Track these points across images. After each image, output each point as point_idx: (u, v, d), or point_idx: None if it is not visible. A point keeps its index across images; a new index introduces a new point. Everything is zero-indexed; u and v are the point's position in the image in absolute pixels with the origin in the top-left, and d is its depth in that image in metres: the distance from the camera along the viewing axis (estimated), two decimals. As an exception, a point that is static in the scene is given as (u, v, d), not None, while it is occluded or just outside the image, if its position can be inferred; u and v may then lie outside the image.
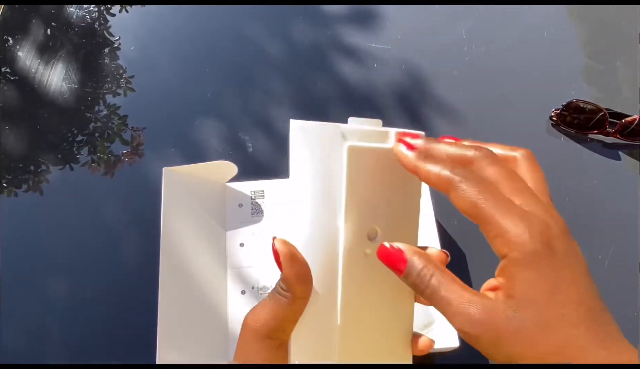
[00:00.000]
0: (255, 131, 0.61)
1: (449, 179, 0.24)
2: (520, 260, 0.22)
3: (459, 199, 0.24)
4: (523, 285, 0.22)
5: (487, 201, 0.23)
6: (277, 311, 0.26)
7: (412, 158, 0.25)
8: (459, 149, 0.27)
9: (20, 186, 0.60)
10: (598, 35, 0.67)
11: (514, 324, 0.21)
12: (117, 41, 0.70)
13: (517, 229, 0.22)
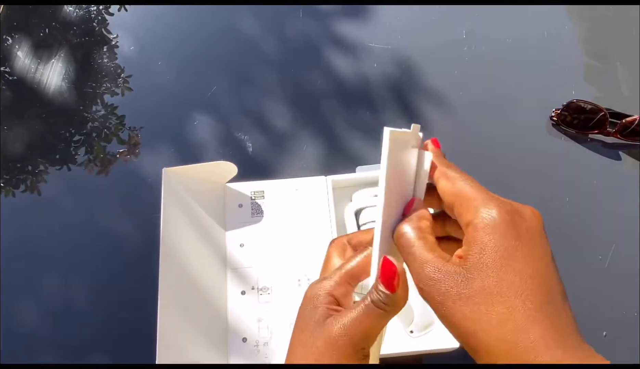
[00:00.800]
0: (255, 131, 0.61)
1: (443, 171, 0.28)
2: (481, 225, 0.23)
3: (442, 186, 0.27)
4: (478, 248, 0.23)
5: (464, 181, 0.27)
6: (375, 324, 0.25)
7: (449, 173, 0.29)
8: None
9: (18, 186, 0.60)
10: (598, 35, 0.67)
11: (461, 285, 0.22)
12: (116, 40, 0.70)
13: (487, 201, 0.24)
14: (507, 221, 0.23)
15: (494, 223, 0.23)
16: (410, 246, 0.25)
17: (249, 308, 0.48)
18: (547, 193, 0.56)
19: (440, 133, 0.60)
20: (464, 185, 0.26)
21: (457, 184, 0.26)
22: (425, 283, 0.24)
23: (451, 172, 0.28)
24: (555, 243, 0.56)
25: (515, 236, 0.23)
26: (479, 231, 0.23)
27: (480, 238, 0.23)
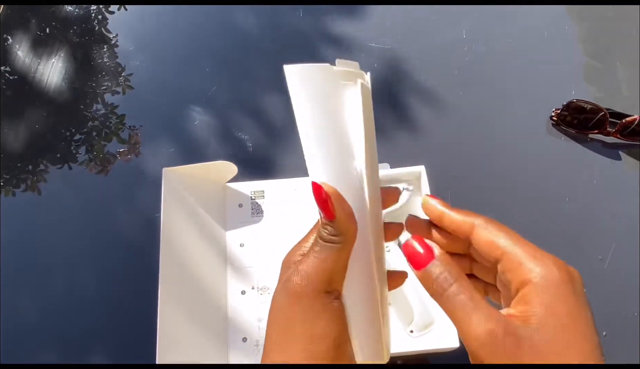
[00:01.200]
0: (255, 131, 0.61)
1: (472, 222, 0.27)
2: (543, 285, 0.23)
3: (481, 237, 0.26)
4: (542, 309, 0.23)
5: (508, 237, 0.25)
6: (330, 260, 0.25)
7: (438, 206, 0.29)
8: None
9: (19, 185, 0.60)
10: (598, 35, 0.67)
11: (530, 342, 0.22)
12: (116, 40, 0.70)
13: (544, 258, 0.24)
14: (566, 282, 0.23)
15: (556, 284, 0.23)
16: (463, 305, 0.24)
17: (249, 308, 0.48)
18: (547, 193, 0.56)
19: (441, 133, 0.60)
20: (510, 241, 0.25)
21: (502, 240, 0.25)
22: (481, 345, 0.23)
23: (489, 225, 0.27)
24: (556, 243, 0.56)
25: (575, 298, 0.23)
26: (540, 292, 0.23)
27: (543, 299, 0.23)
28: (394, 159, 0.55)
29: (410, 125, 0.61)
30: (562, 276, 0.23)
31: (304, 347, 0.25)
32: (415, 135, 0.60)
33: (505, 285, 0.26)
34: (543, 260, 0.24)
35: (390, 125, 0.61)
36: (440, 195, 0.54)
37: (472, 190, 0.56)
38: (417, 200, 0.53)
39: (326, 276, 0.25)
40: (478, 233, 0.26)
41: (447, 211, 0.28)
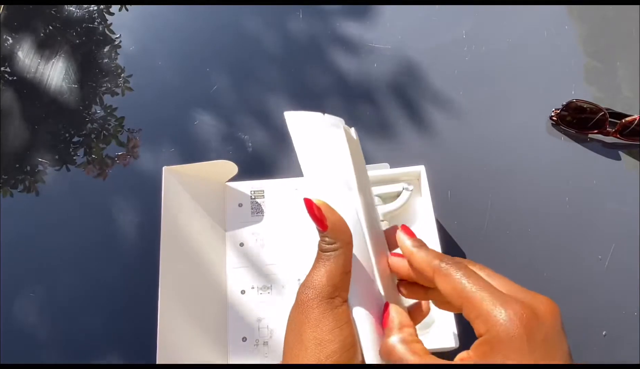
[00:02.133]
0: (255, 130, 0.61)
1: (437, 266, 0.27)
2: (493, 341, 0.23)
3: (443, 283, 0.26)
4: (499, 360, 0.22)
5: (469, 284, 0.25)
6: (332, 267, 0.27)
7: (409, 245, 0.29)
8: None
9: (17, 186, 0.60)
10: (598, 35, 0.67)
11: None
12: (116, 40, 0.70)
13: (496, 311, 0.23)
14: (520, 336, 0.22)
15: (506, 341, 0.22)
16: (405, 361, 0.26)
17: (249, 308, 0.48)
18: (547, 193, 0.56)
19: (441, 133, 0.60)
20: (473, 286, 0.24)
21: (465, 285, 0.25)
22: None
23: (452, 269, 0.26)
24: (555, 243, 0.56)
25: (531, 351, 0.22)
26: (490, 346, 0.23)
27: (491, 355, 0.22)
28: (394, 159, 0.55)
29: (410, 125, 0.61)
30: (519, 330, 0.22)
31: (313, 352, 0.26)
32: (415, 135, 0.60)
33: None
34: (506, 310, 0.23)
35: (390, 125, 0.61)
36: (440, 195, 0.55)
37: (472, 190, 0.56)
38: (417, 200, 0.53)
39: (329, 283, 0.27)
40: (439, 278, 0.26)
41: (415, 250, 0.28)
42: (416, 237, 0.30)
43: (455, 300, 0.25)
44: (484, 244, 0.53)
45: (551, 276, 0.51)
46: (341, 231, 0.27)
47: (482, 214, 0.55)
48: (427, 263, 0.27)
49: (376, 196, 0.52)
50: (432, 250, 0.28)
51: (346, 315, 0.27)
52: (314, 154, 0.31)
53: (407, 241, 0.29)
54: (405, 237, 0.29)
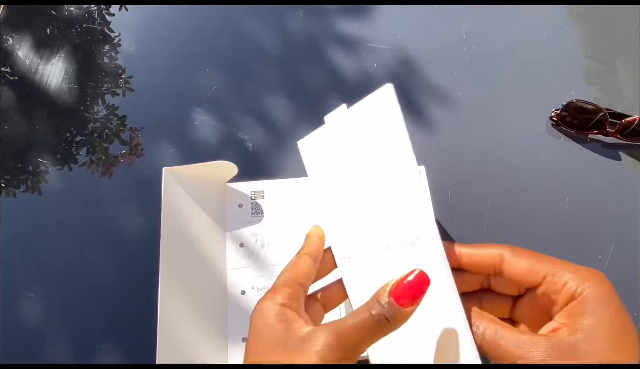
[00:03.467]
0: (255, 131, 0.61)
1: (499, 253, 0.27)
2: (591, 299, 0.24)
3: (515, 265, 0.27)
4: (592, 320, 0.24)
5: (543, 261, 0.26)
6: (371, 336, 0.25)
7: (455, 246, 0.29)
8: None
9: (19, 186, 0.60)
10: (598, 35, 0.67)
11: (582, 354, 0.23)
12: (117, 41, 0.70)
13: (587, 275, 0.25)
14: (610, 296, 0.25)
15: (604, 298, 0.24)
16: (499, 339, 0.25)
17: (249, 308, 0.48)
18: (547, 193, 0.56)
19: (440, 133, 0.60)
20: (547, 264, 0.26)
21: (539, 265, 0.26)
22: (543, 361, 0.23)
23: (519, 253, 0.27)
24: (555, 243, 0.56)
25: (618, 310, 0.24)
26: (587, 304, 0.24)
27: (589, 311, 0.24)
28: (394, 159, 0.55)
29: (410, 125, 0.61)
30: (606, 291, 0.25)
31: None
32: (415, 135, 0.60)
33: (544, 306, 0.26)
34: (587, 277, 0.25)
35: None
36: (441, 195, 0.55)
37: (472, 190, 0.56)
38: (417, 200, 0.53)
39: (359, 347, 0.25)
40: (511, 262, 0.27)
41: (464, 249, 0.29)
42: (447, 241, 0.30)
43: (533, 276, 0.26)
44: (483, 244, 0.53)
45: (551, 277, 0.51)
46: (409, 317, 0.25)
47: (482, 214, 0.55)
48: (485, 256, 0.28)
49: None
50: (474, 245, 0.29)
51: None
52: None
53: (455, 246, 0.29)
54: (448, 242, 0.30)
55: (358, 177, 0.29)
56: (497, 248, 0.28)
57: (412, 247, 0.28)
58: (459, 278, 0.28)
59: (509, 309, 0.29)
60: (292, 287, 0.28)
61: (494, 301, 0.29)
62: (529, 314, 0.28)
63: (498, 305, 0.29)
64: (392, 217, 0.29)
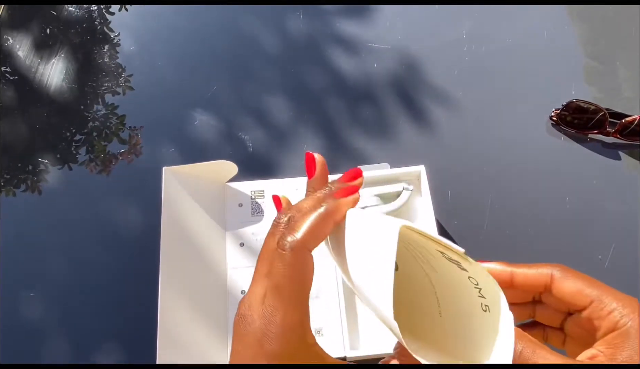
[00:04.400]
0: (255, 130, 0.61)
1: (550, 273, 0.29)
2: (633, 332, 0.25)
3: (565, 287, 0.28)
4: (630, 353, 0.24)
5: (592, 285, 0.27)
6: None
7: (503, 268, 0.30)
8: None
9: (19, 185, 0.60)
10: (598, 35, 0.67)
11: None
12: (117, 40, 0.70)
13: (632, 305, 0.26)
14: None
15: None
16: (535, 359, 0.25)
17: (249, 308, 0.48)
18: (547, 193, 0.56)
19: (441, 133, 0.60)
20: (596, 289, 0.27)
21: (589, 289, 0.27)
22: None
23: (569, 274, 0.28)
24: (555, 243, 0.56)
25: None
26: (632, 338, 0.25)
27: (627, 342, 0.25)
28: (394, 159, 0.55)
29: (410, 125, 0.61)
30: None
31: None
32: (415, 135, 0.60)
33: (587, 329, 0.27)
34: (633, 308, 0.26)
35: (390, 125, 0.61)
36: (440, 195, 0.55)
37: (472, 190, 0.56)
38: (417, 200, 0.53)
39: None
40: (561, 283, 0.28)
41: (516, 270, 0.29)
42: (497, 261, 0.30)
43: (579, 300, 0.27)
44: (484, 244, 0.53)
45: (551, 276, 0.51)
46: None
47: (482, 214, 0.55)
48: (536, 276, 0.29)
49: (376, 196, 0.52)
50: (525, 264, 0.30)
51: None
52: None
53: (497, 265, 0.30)
54: (495, 264, 0.30)
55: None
56: (548, 267, 0.29)
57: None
58: (512, 291, 0.30)
59: (560, 321, 0.30)
60: (306, 301, 0.25)
61: (546, 313, 0.30)
62: (577, 331, 0.29)
63: (550, 316, 0.30)
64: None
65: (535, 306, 0.31)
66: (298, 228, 0.25)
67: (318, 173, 0.29)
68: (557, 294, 0.28)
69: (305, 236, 0.24)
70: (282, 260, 0.24)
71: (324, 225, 0.25)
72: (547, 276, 0.28)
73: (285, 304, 0.23)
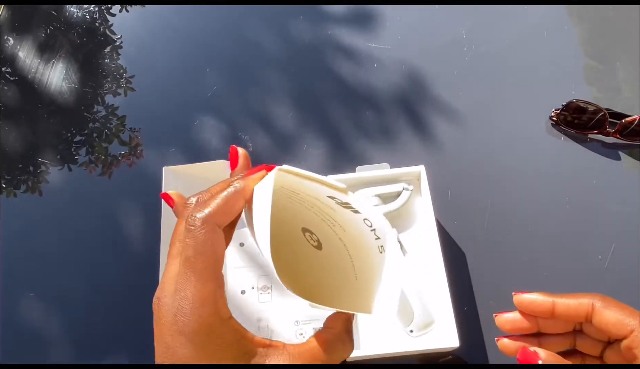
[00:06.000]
0: (255, 131, 0.61)
1: (591, 303, 0.29)
2: None
3: (606, 317, 0.28)
4: None
5: (631, 315, 0.28)
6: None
7: (545, 297, 0.30)
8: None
9: (19, 186, 0.60)
10: (598, 35, 0.67)
11: None
12: (118, 41, 0.70)
13: None
14: None
15: None
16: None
17: (249, 308, 0.48)
18: (547, 193, 0.56)
19: (441, 133, 0.60)
20: (636, 319, 0.28)
21: (629, 319, 0.28)
22: None
23: (609, 304, 0.29)
24: (555, 243, 0.56)
25: None
26: None
27: None
28: (394, 159, 0.55)
29: (410, 125, 0.61)
30: None
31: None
32: (415, 135, 0.60)
33: (627, 358, 0.28)
34: None
35: (390, 125, 0.61)
36: (440, 195, 0.55)
37: (472, 190, 0.56)
38: (417, 200, 0.53)
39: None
40: (601, 313, 0.29)
41: (558, 300, 0.30)
42: (538, 292, 0.31)
43: (620, 330, 0.28)
44: (484, 244, 0.53)
45: (551, 276, 0.51)
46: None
47: (482, 214, 0.55)
48: (576, 306, 0.29)
49: (376, 196, 0.52)
50: (566, 295, 0.30)
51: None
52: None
53: (539, 296, 0.30)
54: (536, 295, 0.30)
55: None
56: (588, 297, 0.29)
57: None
58: (552, 321, 0.30)
59: (600, 350, 0.31)
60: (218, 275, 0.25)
61: (586, 342, 0.31)
62: (616, 360, 0.30)
63: (590, 346, 0.31)
64: None
65: (576, 336, 0.31)
66: (207, 205, 0.25)
67: (240, 165, 0.31)
68: (597, 324, 0.29)
69: (213, 211, 0.25)
70: (191, 235, 0.24)
71: (233, 201, 0.26)
72: (588, 306, 0.29)
73: (196, 278, 0.23)
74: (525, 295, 0.30)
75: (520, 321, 0.31)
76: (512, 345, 0.31)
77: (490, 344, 0.48)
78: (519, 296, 0.31)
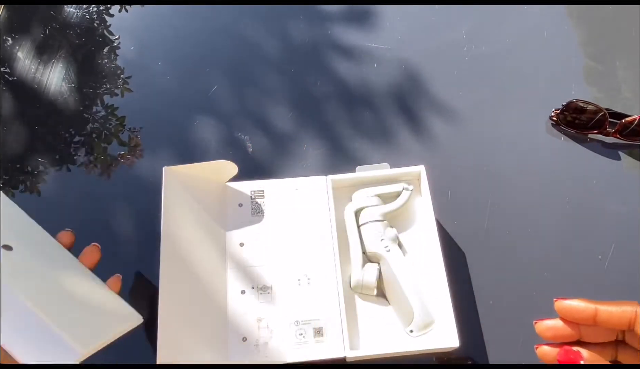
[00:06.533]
0: (255, 131, 0.61)
1: (634, 310, 0.28)
2: None
3: None
4: None
5: None
6: None
7: (587, 304, 0.30)
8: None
9: (18, 187, 0.60)
10: (598, 35, 0.67)
11: None
12: (116, 41, 0.70)
13: None
14: None
15: None
16: None
17: (249, 308, 0.48)
18: (547, 193, 0.56)
19: (441, 133, 0.60)
20: None
21: None
22: None
23: None
24: (555, 243, 0.56)
25: None
26: None
27: None
28: (394, 159, 0.55)
29: (410, 125, 0.61)
30: None
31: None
32: (415, 135, 0.60)
33: None
34: None
35: (390, 125, 0.61)
36: (440, 195, 0.55)
37: (472, 190, 0.56)
38: (416, 200, 0.53)
39: None
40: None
41: (600, 307, 0.29)
42: (580, 299, 0.30)
43: None
44: (484, 244, 0.53)
45: (551, 276, 0.51)
46: None
47: (482, 214, 0.55)
48: (619, 313, 0.29)
49: (376, 196, 0.52)
50: (608, 302, 0.29)
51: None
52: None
53: (581, 303, 0.30)
54: (574, 302, 0.30)
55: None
56: (632, 305, 0.29)
57: None
58: (594, 329, 0.30)
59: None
60: None
61: (629, 353, 0.30)
62: None
63: (633, 356, 0.30)
64: None
65: (618, 346, 0.31)
66: None
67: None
68: (637, 331, 0.28)
69: None
70: None
71: None
72: (632, 314, 0.28)
73: None
74: (567, 301, 0.30)
75: (562, 329, 0.30)
76: (553, 352, 0.30)
77: (490, 344, 0.48)
78: (560, 303, 0.30)
